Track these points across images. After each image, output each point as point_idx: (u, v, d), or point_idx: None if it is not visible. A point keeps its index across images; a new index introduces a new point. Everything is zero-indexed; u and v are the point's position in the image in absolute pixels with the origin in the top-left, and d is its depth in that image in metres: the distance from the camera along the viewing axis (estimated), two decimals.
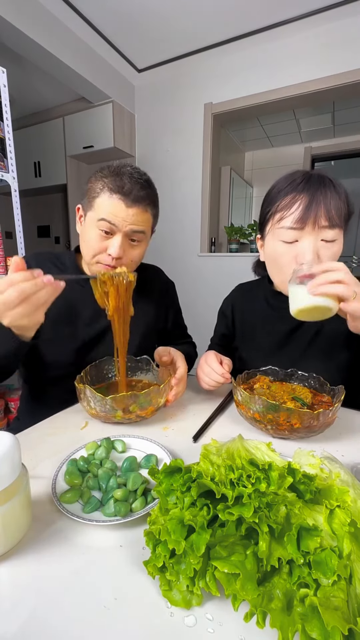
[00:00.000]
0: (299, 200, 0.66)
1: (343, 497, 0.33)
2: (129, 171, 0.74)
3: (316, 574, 0.27)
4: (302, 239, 0.67)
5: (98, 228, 0.73)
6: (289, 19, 2.23)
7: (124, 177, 0.72)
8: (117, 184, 0.72)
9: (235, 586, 0.28)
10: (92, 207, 0.74)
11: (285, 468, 0.35)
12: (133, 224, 0.74)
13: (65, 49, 2.31)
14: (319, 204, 0.64)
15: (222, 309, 1.01)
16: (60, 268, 0.86)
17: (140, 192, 0.73)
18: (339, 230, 0.67)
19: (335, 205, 0.65)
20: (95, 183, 0.74)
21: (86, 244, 0.77)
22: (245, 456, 0.40)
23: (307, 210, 0.65)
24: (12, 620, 0.29)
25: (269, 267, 0.78)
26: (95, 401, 0.61)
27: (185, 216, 3.00)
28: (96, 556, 0.36)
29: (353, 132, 3.61)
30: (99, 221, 0.73)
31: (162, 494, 0.36)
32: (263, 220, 0.76)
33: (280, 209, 0.68)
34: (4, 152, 1.63)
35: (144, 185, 0.74)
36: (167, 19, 2.24)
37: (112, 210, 0.72)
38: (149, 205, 0.77)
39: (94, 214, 0.74)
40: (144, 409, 0.63)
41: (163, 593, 0.31)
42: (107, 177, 0.73)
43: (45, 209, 3.93)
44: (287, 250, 0.69)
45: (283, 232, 0.68)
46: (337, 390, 0.63)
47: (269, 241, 0.73)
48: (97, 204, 0.73)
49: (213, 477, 0.35)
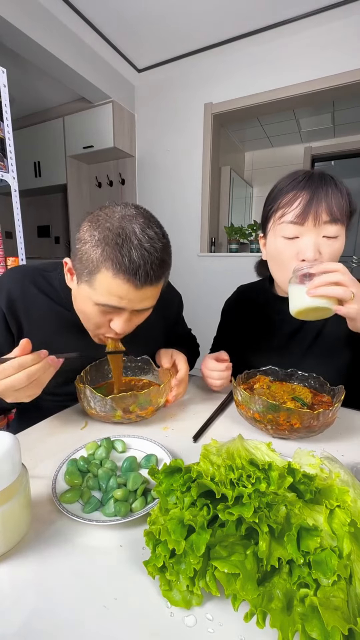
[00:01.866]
0: (300, 197, 0.66)
1: (343, 497, 0.33)
2: (138, 237, 0.54)
3: (316, 574, 0.27)
4: (304, 235, 0.67)
5: (99, 307, 0.60)
6: (288, 19, 2.23)
7: (132, 249, 0.54)
8: (123, 260, 0.53)
9: (235, 586, 0.28)
10: (90, 282, 0.57)
11: (285, 468, 0.35)
12: (143, 302, 0.60)
13: (66, 49, 2.31)
14: (320, 199, 0.64)
15: (224, 310, 1.01)
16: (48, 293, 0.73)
17: (155, 270, 0.56)
18: (341, 226, 0.67)
19: (336, 201, 0.65)
20: (90, 247, 0.55)
21: (84, 315, 0.65)
22: (245, 456, 0.40)
23: (308, 205, 0.65)
24: (12, 620, 0.29)
25: (271, 265, 0.78)
26: (95, 401, 0.61)
27: (185, 216, 3.00)
28: (96, 556, 0.36)
29: (353, 132, 3.61)
30: (100, 305, 0.59)
31: (162, 494, 0.36)
32: (265, 218, 0.76)
33: (282, 205, 0.69)
34: (4, 152, 1.63)
35: (158, 258, 0.56)
36: (167, 19, 2.24)
37: (118, 293, 0.56)
38: (164, 276, 0.62)
39: (91, 292, 0.58)
40: (144, 409, 0.63)
41: (163, 593, 0.31)
42: (108, 245, 0.54)
43: (45, 209, 3.93)
44: (288, 247, 0.69)
45: (284, 227, 0.68)
46: (337, 390, 0.63)
47: (271, 238, 0.73)
48: (98, 283, 0.56)
49: (213, 477, 0.35)
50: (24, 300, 0.71)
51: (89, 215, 0.60)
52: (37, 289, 0.72)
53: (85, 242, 0.57)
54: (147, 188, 3.17)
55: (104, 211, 0.58)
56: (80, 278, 0.60)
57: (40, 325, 0.71)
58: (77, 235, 0.60)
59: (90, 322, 0.64)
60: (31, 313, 0.72)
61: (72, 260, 0.62)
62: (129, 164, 3.19)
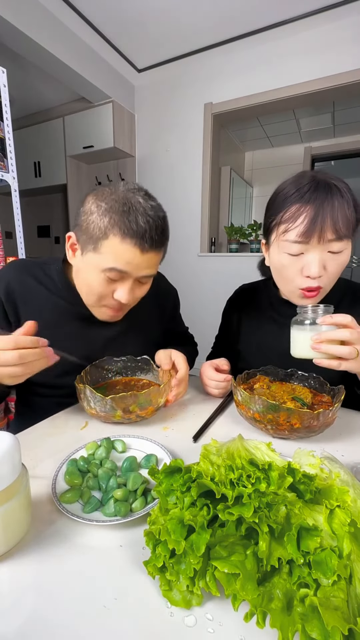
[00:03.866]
0: (305, 213, 0.63)
1: (343, 497, 0.33)
2: (142, 206, 0.60)
3: (316, 574, 0.27)
4: (308, 251, 0.65)
5: (105, 274, 0.63)
6: (289, 18, 2.23)
7: (138, 216, 0.59)
8: (130, 225, 0.59)
9: (235, 586, 0.28)
10: (97, 249, 0.61)
11: (285, 468, 0.35)
12: (147, 268, 0.65)
13: (66, 49, 2.31)
14: (326, 215, 0.61)
15: (225, 309, 1.01)
16: (46, 284, 0.75)
17: (159, 235, 0.63)
18: (347, 241, 0.65)
19: (342, 216, 0.62)
20: (97, 216, 0.60)
21: (88, 287, 0.67)
22: (245, 456, 0.40)
23: (312, 224, 0.62)
24: (12, 620, 0.29)
25: (275, 275, 0.76)
26: (95, 401, 0.61)
27: (185, 216, 3.00)
28: (96, 556, 0.36)
29: (353, 132, 3.61)
30: (107, 270, 0.62)
31: (162, 494, 0.36)
32: (267, 228, 0.73)
33: (285, 220, 0.66)
34: (4, 152, 1.63)
35: (160, 225, 0.63)
36: (167, 18, 2.24)
37: (125, 257, 0.61)
38: (165, 244, 0.67)
39: (99, 258, 0.62)
40: (144, 409, 0.63)
41: (163, 593, 0.31)
42: (115, 213, 0.59)
43: (45, 209, 3.94)
44: (292, 263, 0.67)
45: (288, 245, 0.66)
46: (337, 391, 0.63)
47: (274, 252, 0.71)
48: (105, 248, 0.60)
49: (213, 477, 0.35)
50: (23, 291, 0.73)
51: (93, 191, 0.65)
52: (35, 280, 0.74)
53: (91, 212, 0.61)
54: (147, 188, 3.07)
55: (108, 187, 0.63)
56: (85, 248, 0.63)
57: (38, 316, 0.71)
58: (81, 209, 0.64)
59: (94, 293, 0.67)
60: (29, 304, 0.73)
61: (77, 233, 0.65)
62: (129, 164, 3.19)
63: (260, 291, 0.92)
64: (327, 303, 0.61)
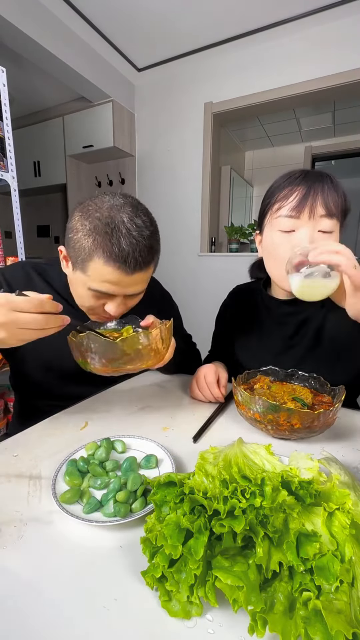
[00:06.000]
0: (297, 191, 0.67)
1: (343, 500, 0.32)
2: (126, 227, 0.57)
3: (319, 580, 0.27)
4: (299, 228, 0.67)
5: (92, 291, 0.63)
6: (288, 18, 2.22)
7: (121, 238, 0.57)
8: (113, 248, 0.56)
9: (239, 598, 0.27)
10: (83, 269, 0.61)
11: (279, 482, 0.34)
12: (134, 286, 0.63)
13: (65, 48, 2.30)
14: (317, 193, 0.65)
15: (220, 314, 1.01)
16: (52, 285, 0.76)
17: (144, 256, 0.60)
18: (336, 222, 0.67)
19: (332, 196, 0.66)
20: (82, 236, 0.58)
21: (79, 299, 0.69)
22: (242, 464, 0.40)
23: (304, 198, 0.66)
24: (11, 620, 0.29)
25: (267, 261, 0.77)
26: (101, 346, 0.53)
27: (185, 216, 3.00)
28: (96, 557, 0.36)
29: (353, 131, 3.61)
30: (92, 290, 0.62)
31: (157, 505, 0.35)
32: (262, 213, 0.76)
33: (278, 199, 0.70)
34: (4, 151, 1.63)
35: (146, 245, 0.59)
36: (167, 18, 2.23)
37: (110, 279, 0.60)
38: (154, 261, 0.65)
39: (85, 278, 0.61)
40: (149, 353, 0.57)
41: (162, 604, 0.30)
42: (99, 234, 0.57)
43: (45, 209, 3.93)
44: (284, 240, 0.69)
45: (280, 220, 0.69)
46: (338, 391, 0.63)
47: (267, 232, 0.74)
48: (90, 270, 0.60)
49: (205, 492, 0.34)
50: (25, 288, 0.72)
51: (80, 205, 0.63)
52: (38, 276, 0.76)
53: (77, 231, 0.60)
54: (147, 188, 3.17)
55: (94, 201, 0.61)
56: (74, 265, 0.63)
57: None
58: (68, 225, 0.63)
59: (85, 306, 0.69)
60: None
61: (66, 248, 0.65)
62: (128, 163, 3.18)
63: (252, 292, 0.93)
64: None
